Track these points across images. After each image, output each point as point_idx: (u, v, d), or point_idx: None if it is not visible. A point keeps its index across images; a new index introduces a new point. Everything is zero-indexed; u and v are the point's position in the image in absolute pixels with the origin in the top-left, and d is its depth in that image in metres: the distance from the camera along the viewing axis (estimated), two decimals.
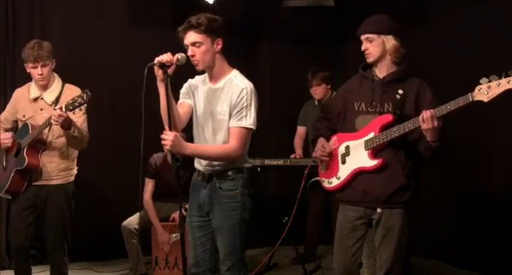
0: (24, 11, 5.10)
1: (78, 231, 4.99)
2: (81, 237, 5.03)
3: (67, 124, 3.38)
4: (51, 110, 3.52)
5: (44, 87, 3.64)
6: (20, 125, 3.68)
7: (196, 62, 2.83)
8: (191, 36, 2.81)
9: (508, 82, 2.52)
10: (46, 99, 3.63)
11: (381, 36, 2.94)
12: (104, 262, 5.11)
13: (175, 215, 4.48)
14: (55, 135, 3.59)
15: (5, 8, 5.01)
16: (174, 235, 4.45)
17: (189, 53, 2.82)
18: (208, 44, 2.82)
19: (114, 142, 5.33)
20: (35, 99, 3.64)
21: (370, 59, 3.00)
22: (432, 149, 2.79)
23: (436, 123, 2.68)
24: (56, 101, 3.61)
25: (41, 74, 3.56)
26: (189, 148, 2.80)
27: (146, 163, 4.59)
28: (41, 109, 3.62)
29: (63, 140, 3.59)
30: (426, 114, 2.69)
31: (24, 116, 3.64)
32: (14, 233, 3.66)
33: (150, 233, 4.57)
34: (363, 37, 2.98)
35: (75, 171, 3.75)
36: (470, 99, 2.60)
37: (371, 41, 2.95)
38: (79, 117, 3.54)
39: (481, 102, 2.58)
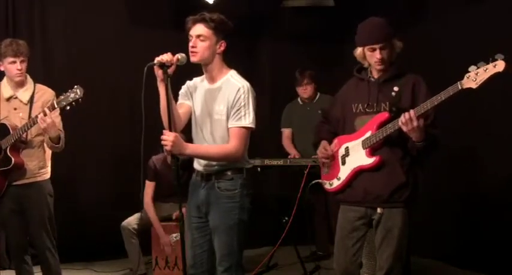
0: (24, 11, 5.10)
1: (78, 231, 5.05)
2: (82, 237, 5.06)
3: (53, 132, 3.37)
4: (27, 109, 3.52)
5: (19, 85, 3.61)
6: None
7: (194, 53, 2.81)
8: (199, 29, 2.80)
9: (495, 66, 2.54)
10: (21, 98, 3.60)
11: (391, 41, 2.92)
12: (104, 262, 5.11)
13: (177, 213, 4.48)
14: (33, 134, 3.58)
15: (5, 8, 5.01)
16: (174, 235, 4.46)
17: (191, 43, 2.81)
18: (212, 42, 2.81)
19: (113, 142, 5.33)
20: (8, 99, 3.61)
21: (383, 66, 2.94)
22: (417, 148, 2.80)
23: (415, 123, 2.67)
24: (31, 100, 3.59)
25: (20, 69, 3.53)
26: (190, 148, 2.79)
27: (146, 164, 4.58)
28: (15, 109, 3.59)
29: (40, 138, 3.59)
30: (405, 116, 2.69)
31: None
32: (12, 234, 3.65)
33: (150, 233, 4.57)
34: (376, 46, 2.89)
35: (49, 168, 3.74)
36: (460, 87, 2.60)
37: (384, 49, 2.90)
38: (56, 118, 3.51)
39: (470, 89, 2.57)
